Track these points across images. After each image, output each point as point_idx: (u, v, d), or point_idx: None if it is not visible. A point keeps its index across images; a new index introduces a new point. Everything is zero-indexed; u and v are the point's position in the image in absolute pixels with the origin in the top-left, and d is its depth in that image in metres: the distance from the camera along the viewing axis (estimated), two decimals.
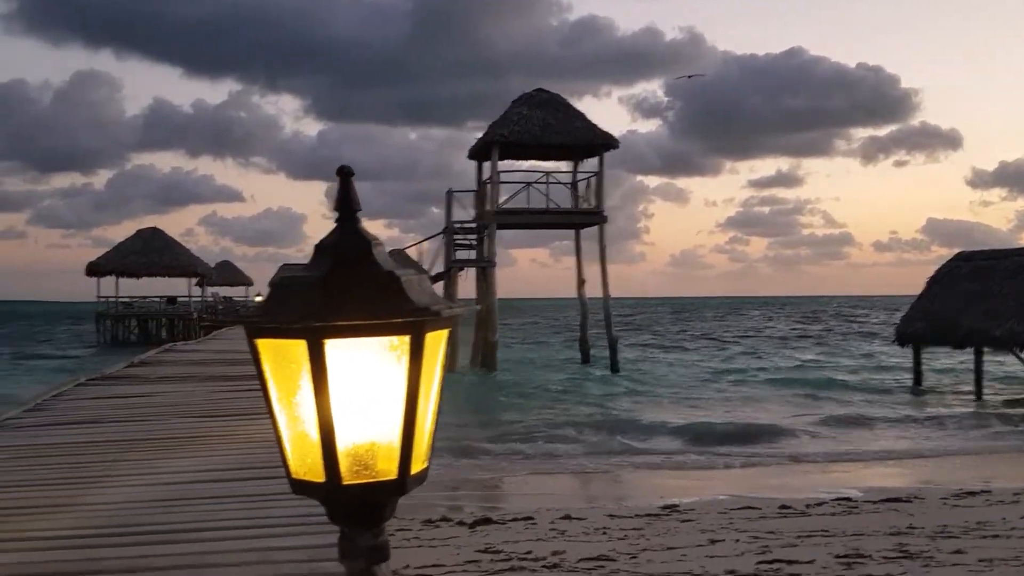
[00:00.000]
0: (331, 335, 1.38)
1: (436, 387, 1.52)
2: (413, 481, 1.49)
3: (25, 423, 8.49)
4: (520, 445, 15.78)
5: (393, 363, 1.43)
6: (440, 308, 1.46)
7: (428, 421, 1.52)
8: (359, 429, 1.44)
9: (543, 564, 7.51)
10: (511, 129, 27.77)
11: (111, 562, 4.10)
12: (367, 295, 1.42)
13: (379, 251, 1.49)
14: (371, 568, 1.52)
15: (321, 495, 1.47)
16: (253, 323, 1.45)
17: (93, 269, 46.87)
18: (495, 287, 27.54)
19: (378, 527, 1.51)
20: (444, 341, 1.53)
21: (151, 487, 5.65)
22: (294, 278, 1.46)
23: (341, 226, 1.50)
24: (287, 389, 1.45)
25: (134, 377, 12.78)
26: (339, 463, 1.43)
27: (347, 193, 1.51)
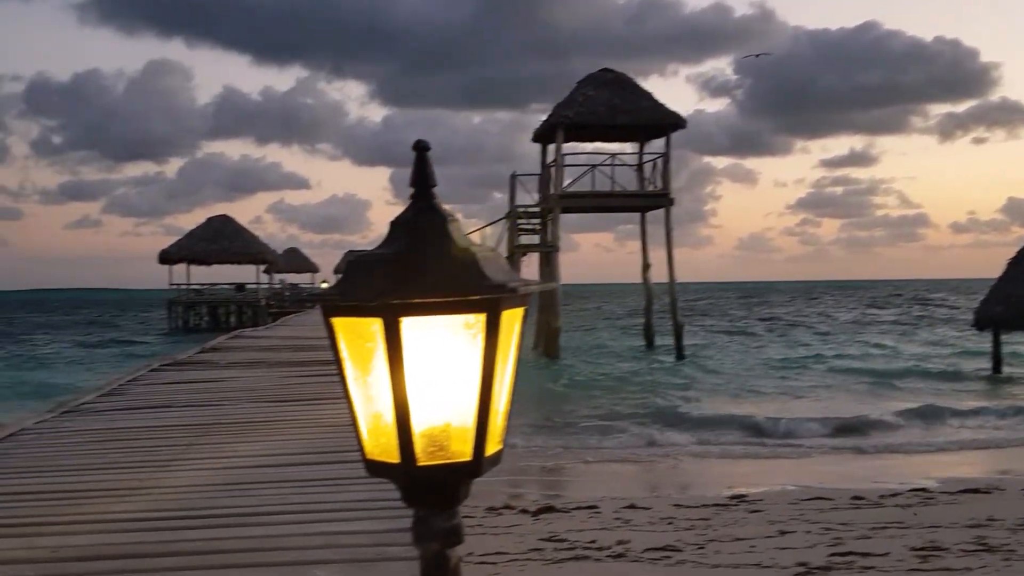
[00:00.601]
0: (407, 313, 1.36)
1: (511, 366, 1.48)
2: (488, 463, 1.46)
3: (101, 407, 8.68)
4: (583, 432, 15.72)
5: (469, 341, 1.40)
6: (516, 285, 1.42)
7: (503, 401, 1.48)
8: (434, 409, 1.41)
9: (608, 553, 7.46)
10: (576, 110, 27.54)
11: (184, 544, 4.16)
12: (443, 272, 1.39)
13: (455, 227, 1.46)
14: (445, 551, 1.49)
15: (396, 476, 1.45)
16: (329, 301, 1.43)
17: (165, 257, 47.79)
18: (558, 272, 27.43)
19: (452, 509, 1.49)
20: (520, 319, 1.49)
21: (223, 471, 5.74)
22: (370, 255, 1.44)
23: (416, 202, 1.47)
24: (362, 368, 1.43)
25: (205, 363, 13.02)
26: (414, 444, 1.40)
27: (423, 168, 1.48)
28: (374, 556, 3.87)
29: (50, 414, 8.27)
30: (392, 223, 1.47)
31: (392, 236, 1.45)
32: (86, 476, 5.69)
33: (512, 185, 28.71)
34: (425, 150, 1.49)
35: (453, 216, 1.47)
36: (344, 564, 3.81)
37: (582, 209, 29.68)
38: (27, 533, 4.36)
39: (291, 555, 3.96)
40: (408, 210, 1.47)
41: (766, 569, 6.92)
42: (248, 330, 24.22)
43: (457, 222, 1.48)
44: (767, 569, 6.92)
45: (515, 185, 28.67)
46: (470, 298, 1.37)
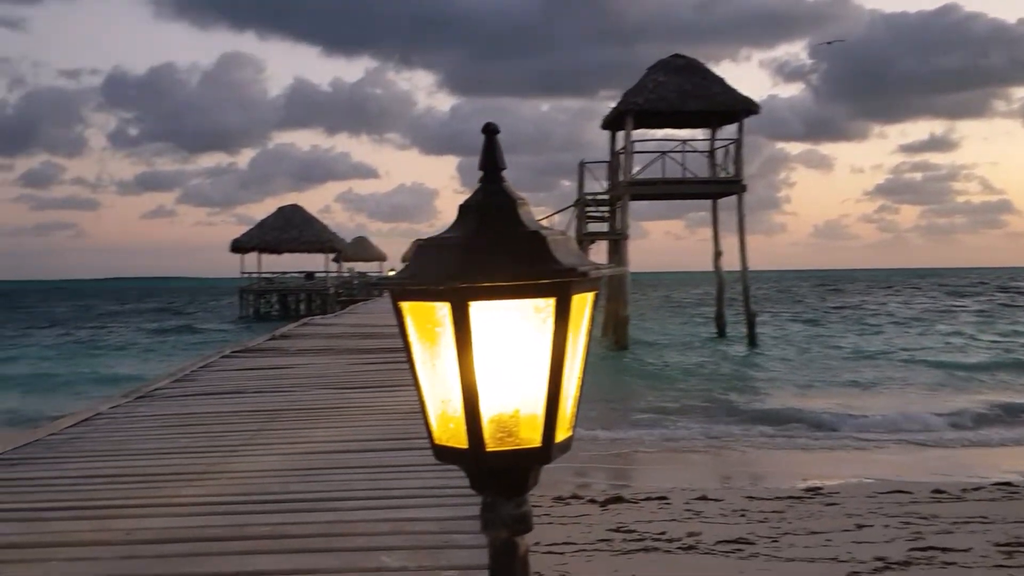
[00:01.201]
0: (475, 297, 1.33)
1: (581, 352, 1.45)
2: (558, 449, 1.43)
3: (174, 393, 8.84)
4: (652, 423, 15.60)
5: (538, 326, 1.36)
6: (587, 269, 1.38)
7: (573, 387, 1.45)
8: (503, 394, 1.38)
9: (678, 545, 7.38)
10: (646, 97, 27.30)
11: (254, 528, 4.20)
12: (512, 256, 1.35)
13: (524, 210, 1.43)
14: (513, 538, 1.46)
15: (464, 462, 1.42)
16: (397, 285, 1.41)
17: (237, 246, 48.67)
18: (627, 260, 27.26)
19: (521, 496, 1.46)
20: (590, 304, 1.45)
21: (292, 456, 5.79)
22: (438, 239, 1.41)
23: (485, 185, 1.44)
24: (431, 353, 1.41)
25: (275, 350, 13.19)
26: (483, 429, 1.38)
27: (492, 151, 1.45)
28: (441, 543, 3.86)
29: (124, 399, 8.45)
30: (461, 206, 1.45)
31: (461, 219, 1.42)
32: (158, 460, 5.79)
33: (581, 173, 28.60)
34: (495, 133, 1.46)
35: (523, 199, 1.45)
36: (411, 551, 3.80)
37: (652, 196, 29.39)
38: (102, 516, 4.44)
39: (359, 541, 3.97)
40: (477, 193, 1.45)
41: (842, 563, 6.78)
42: (317, 318, 24.53)
43: (527, 205, 1.45)
44: (843, 563, 6.78)
45: (584, 173, 28.56)
46: (539, 282, 1.34)
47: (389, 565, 3.66)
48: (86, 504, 4.67)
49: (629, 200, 27.42)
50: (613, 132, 29.05)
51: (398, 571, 3.60)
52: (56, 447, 6.31)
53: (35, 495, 4.91)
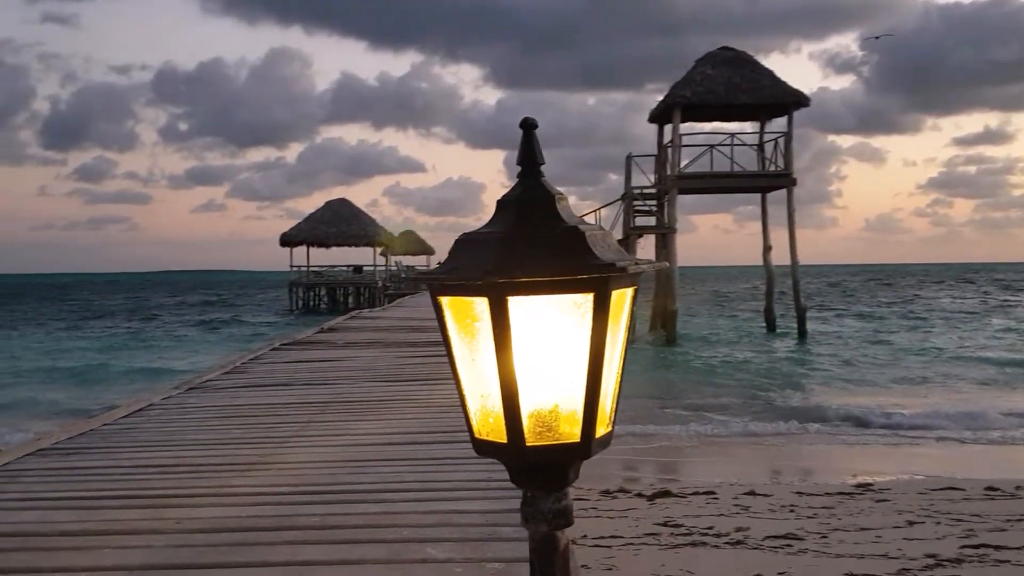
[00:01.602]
0: (513, 291, 1.34)
1: (621, 347, 1.45)
2: (597, 444, 1.43)
3: (224, 385, 8.96)
4: (700, 417, 15.51)
5: (577, 321, 1.37)
6: (626, 264, 1.38)
7: (612, 383, 1.45)
8: (542, 389, 1.39)
9: (726, 540, 7.36)
10: (694, 90, 27.10)
11: (303, 519, 4.25)
12: (550, 250, 1.36)
13: (563, 205, 1.44)
14: (553, 532, 1.47)
15: (504, 456, 1.43)
16: (436, 280, 1.42)
17: (286, 240, 49.18)
18: (675, 254, 27.12)
19: (561, 491, 1.46)
20: (630, 299, 1.46)
21: (339, 448, 5.85)
22: (476, 233, 1.42)
23: (523, 180, 1.45)
24: (470, 347, 1.42)
25: (324, 343, 13.31)
26: (522, 424, 1.39)
27: (530, 146, 1.45)
28: (486, 535, 3.88)
29: (176, 391, 8.59)
30: (499, 201, 1.46)
31: (499, 214, 1.43)
32: (209, 451, 5.88)
33: (628, 166, 28.47)
34: (532, 127, 1.46)
35: (561, 194, 1.45)
36: (457, 543, 3.83)
37: (700, 190, 29.19)
38: (154, 505, 4.52)
39: (405, 532, 4.00)
40: (515, 188, 1.45)
41: (893, 560, 6.71)
42: (365, 311, 24.72)
43: (565, 200, 1.46)
44: (894, 560, 6.70)
45: (631, 166, 28.42)
46: (578, 277, 1.34)
47: (435, 557, 3.69)
48: (138, 493, 4.77)
49: (677, 194, 27.26)
50: (660, 125, 28.89)
51: (444, 563, 3.62)
52: (110, 437, 6.44)
53: (89, 484, 5.01)
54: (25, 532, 4.09)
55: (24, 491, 4.88)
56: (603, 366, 1.39)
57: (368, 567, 3.58)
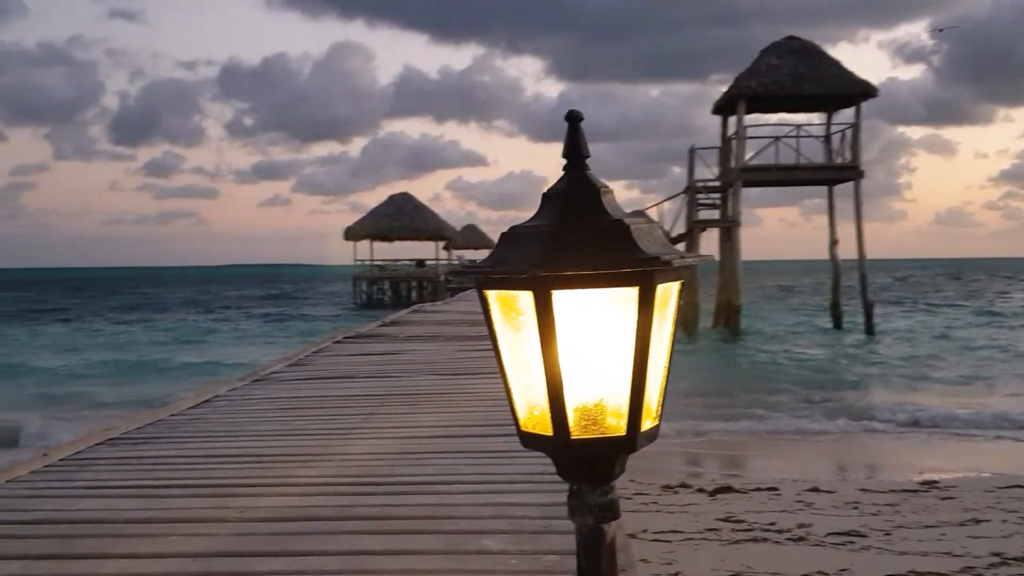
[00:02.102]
0: (558, 285, 1.34)
1: (668, 341, 1.45)
2: (643, 438, 1.44)
3: (288, 377, 9.10)
4: (764, 413, 15.34)
5: (622, 315, 1.37)
6: (671, 258, 1.38)
7: (659, 377, 1.46)
8: (587, 383, 1.40)
9: (788, 536, 7.29)
10: (759, 81, 26.75)
11: (362, 510, 4.32)
12: (595, 244, 1.36)
13: (608, 199, 1.44)
14: (600, 526, 1.48)
15: (549, 449, 1.45)
16: (481, 274, 1.43)
17: (349, 234, 49.61)
18: (740, 248, 26.84)
19: (607, 484, 1.47)
20: (677, 294, 1.46)
21: (399, 440, 5.92)
22: (521, 227, 1.43)
23: (569, 174, 1.45)
24: (515, 341, 1.43)
25: (385, 336, 13.45)
26: (567, 417, 1.40)
27: (575, 139, 1.46)
28: (541, 528, 3.91)
29: (241, 382, 8.74)
30: (544, 195, 1.46)
31: (544, 208, 1.44)
32: (273, 441, 5.99)
33: (691, 159, 28.21)
34: (578, 120, 1.46)
35: (607, 187, 1.45)
36: (512, 535, 3.86)
37: (765, 183, 28.81)
38: (219, 494, 4.63)
39: (462, 524, 4.04)
40: (560, 181, 1.45)
41: (957, 558, 6.59)
42: (427, 304, 24.87)
43: (611, 193, 1.46)
44: (958, 558, 6.59)
45: (694, 159, 28.16)
46: (622, 271, 1.35)
47: (490, 548, 3.72)
48: (203, 482, 4.88)
49: (741, 187, 26.95)
50: (725, 117, 28.57)
51: (499, 554, 3.66)
52: (177, 427, 6.59)
53: (156, 472, 5.14)
54: (93, 519, 4.22)
55: (94, 479, 5.03)
56: (648, 360, 1.39)
57: (425, 557, 3.63)
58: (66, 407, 16.57)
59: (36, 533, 4.01)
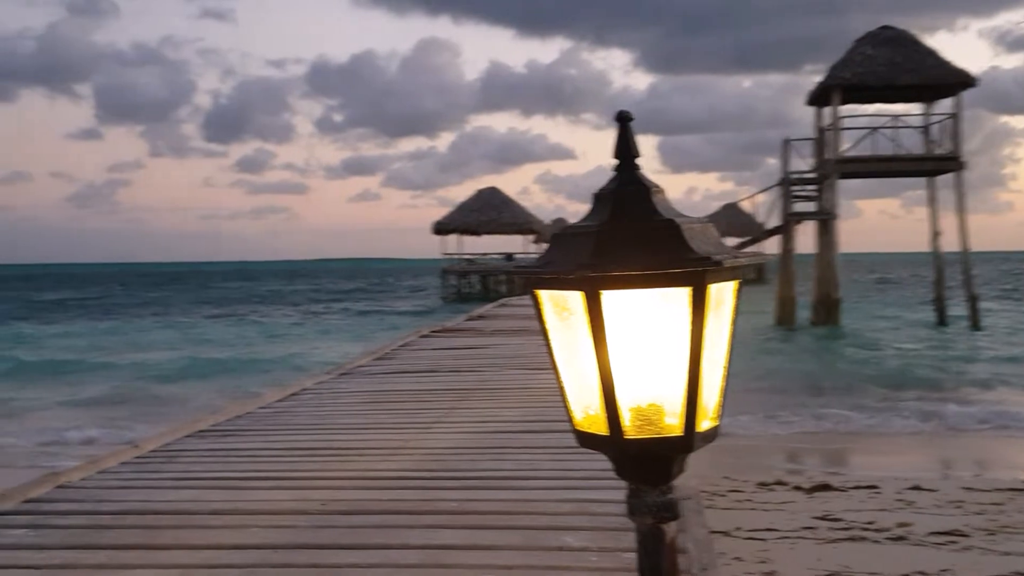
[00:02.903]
0: (607, 285, 1.33)
1: (725, 341, 1.43)
2: (700, 439, 1.42)
3: (373, 371, 9.23)
4: (865, 409, 14.95)
5: (674, 315, 1.35)
6: (723, 258, 1.35)
7: (717, 377, 1.43)
8: (641, 382, 1.39)
9: (887, 536, 7.12)
10: (853, 71, 26.11)
11: (441, 503, 4.35)
12: (645, 244, 1.34)
13: (659, 198, 1.42)
14: (659, 526, 1.47)
15: (604, 449, 1.44)
16: (532, 273, 1.43)
17: (438, 228, 49.99)
18: (837, 240, 26.28)
19: (665, 484, 1.46)
20: (734, 293, 1.43)
21: (481, 435, 5.95)
22: (572, 227, 1.42)
23: (619, 174, 1.44)
24: (567, 340, 1.42)
25: (471, 330, 13.53)
26: (620, 417, 1.39)
27: (626, 139, 1.44)
28: (621, 525, 3.88)
29: (328, 376, 8.91)
30: (595, 195, 1.45)
31: (595, 208, 1.43)
32: (356, 435, 6.08)
33: (785, 151, 27.67)
34: (628, 120, 1.45)
35: (658, 187, 1.43)
36: (592, 531, 3.85)
37: (862, 174, 28.10)
38: (301, 486, 4.72)
39: (542, 520, 4.04)
40: (611, 181, 1.44)
41: None
42: (514, 299, 24.94)
43: (662, 193, 1.44)
44: None
45: (788, 151, 27.62)
46: (672, 271, 1.33)
47: (570, 544, 3.72)
48: (287, 475, 4.98)
49: (837, 179, 26.37)
50: (819, 108, 27.93)
51: (579, 551, 3.65)
52: (263, 420, 6.74)
53: (242, 464, 5.27)
54: (180, 510, 4.35)
55: (181, 471, 5.17)
56: (703, 360, 1.37)
57: (504, 552, 3.64)
58: (157, 403, 16.85)
59: (123, 523, 4.15)
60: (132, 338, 31.44)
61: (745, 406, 13.56)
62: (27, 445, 12.15)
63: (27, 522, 4.18)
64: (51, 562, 3.63)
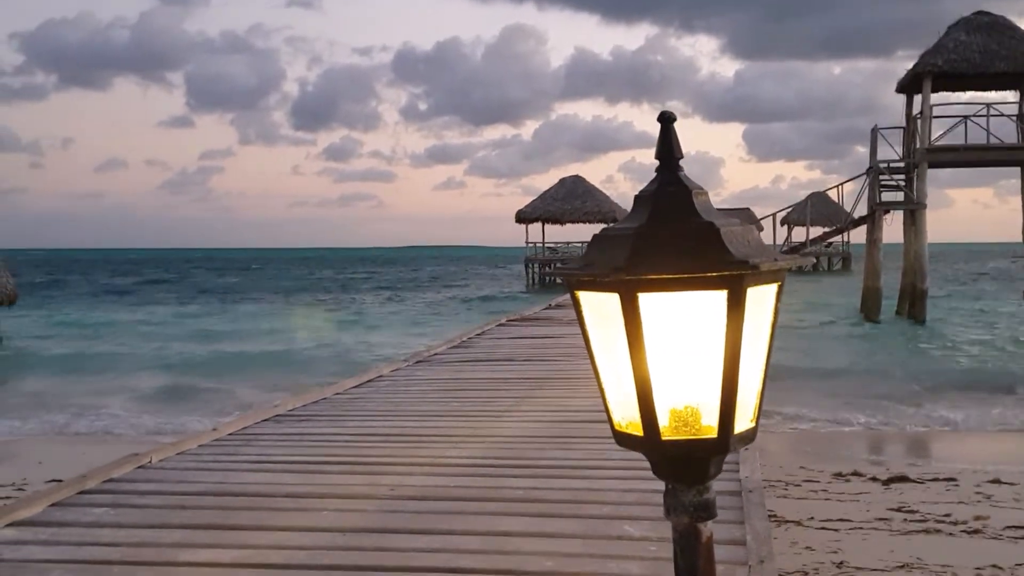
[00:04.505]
0: (644, 288, 1.35)
1: (764, 344, 1.44)
2: (737, 440, 1.43)
3: (450, 359, 9.33)
4: (948, 400, 14.59)
5: (711, 319, 1.37)
6: (760, 262, 1.36)
7: (755, 379, 1.44)
8: (677, 384, 1.40)
9: (963, 528, 6.97)
10: (945, 58, 25.32)
11: (507, 492, 4.41)
12: (683, 247, 1.36)
13: (701, 200, 1.42)
14: (696, 525, 1.49)
15: (641, 449, 1.46)
16: (571, 275, 1.45)
17: (521, 216, 49.99)
18: (925, 230, 25.61)
19: (702, 484, 1.47)
20: (775, 296, 1.44)
21: (551, 424, 5.99)
22: (612, 229, 1.45)
23: (661, 175, 1.45)
24: (605, 342, 1.44)
25: (549, 319, 13.55)
26: (657, 418, 1.41)
27: (668, 140, 1.45)
28: None
29: (404, 363, 9.03)
30: (636, 197, 1.47)
31: (635, 210, 1.44)
32: (427, 422, 6.18)
33: (873, 139, 27.02)
34: (671, 121, 1.46)
35: (700, 189, 1.44)
36: (655, 522, 3.85)
37: (953, 164, 27.31)
38: (372, 472, 4.83)
39: (605, 509, 4.07)
40: (652, 183, 1.45)
41: None
42: None
43: (704, 195, 1.45)
44: None
45: (876, 139, 26.98)
46: (709, 275, 1.34)
47: (631, 534, 3.74)
48: (359, 460, 5.09)
49: (927, 168, 25.67)
50: (909, 95, 27.20)
51: (639, 540, 3.67)
52: (340, 405, 6.89)
53: (316, 449, 5.41)
54: (255, 492, 4.48)
55: (257, 454, 5.33)
56: (740, 363, 1.39)
57: (565, 541, 3.68)
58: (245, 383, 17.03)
59: (199, 504, 4.30)
60: (258, 323, 31.69)
61: (823, 396, 13.37)
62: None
63: (108, 501, 4.36)
64: (129, 540, 3.78)
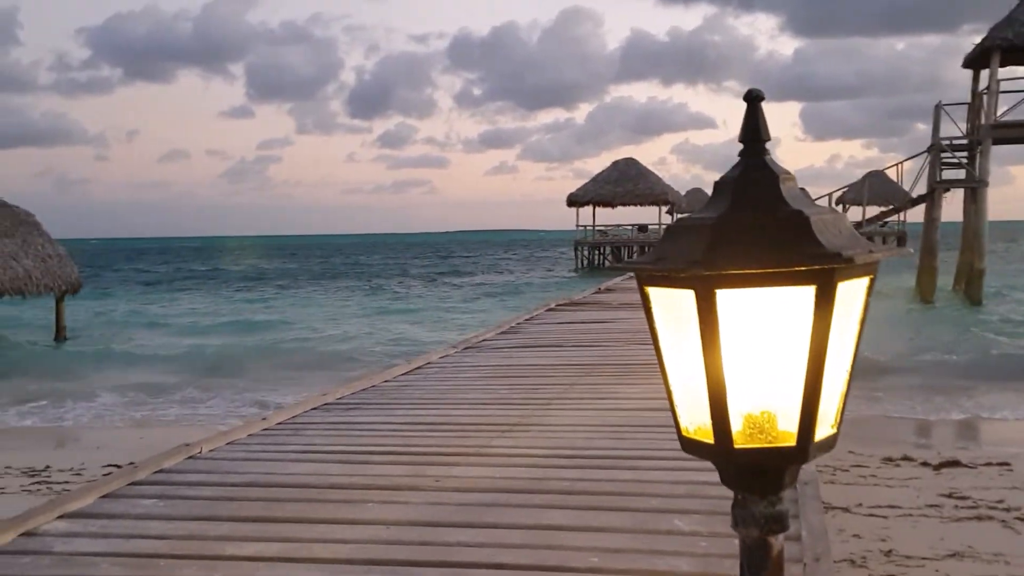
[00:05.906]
0: (723, 284, 1.23)
1: (851, 344, 1.31)
2: (817, 448, 1.31)
3: (499, 345, 9.23)
4: (1002, 383, 14.21)
5: (796, 317, 1.24)
6: (854, 254, 1.21)
7: (839, 382, 1.32)
8: (754, 389, 1.28)
9: (1016, 516, 6.79)
10: (1016, 31, 24.65)
11: (554, 483, 4.29)
12: (767, 239, 1.22)
13: (788, 186, 1.28)
14: (766, 538, 1.37)
15: (711, 457, 1.36)
16: (642, 269, 1.32)
17: (572, 200, 49.83)
18: (985, 209, 25.05)
19: (775, 495, 1.36)
20: (865, 291, 1.30)
21: (599, 412, 5.85)
22: (689, 219, 1.31)
23: (744, 159, 1.32)
24: (677, 341, 1.33)
25: (598, 303, 13.41)
26: (730, 425, 1.29)
27: (754, 120, 1.32)
28: None
29: (453, 350, 8.94)
30: (716, 183, 1.34)
31: (715, 197, 1.31)
32: (474, 410, 6.07)
33: (936, 115, 26.45)
34: (758, 100, 1.32)
35: (787, 174, 1.30)
36: (705, 515, 3.72)
37: (1018, 140, 26.63)
38: (417, 462, 4.72)
39: (654, 502, 3.94)
40: (735, 168, 1.32)
41: None
42: None
43: (792, 180, 1.31)
44: None
45: (939, 115, 26.39)
46: (796, 269, 1.21)
47: (680, 528, 3.61)
48: (404, 450, 4.99)
49: (991, 144, 25.05)
50: (976, 71, 26.54)
51: (688, 535, 3.54)
52: (387, 393, 6.80)
53: (362, 439, 5.31)
54: (300, 483, 4.41)
55: (305, 443, 5.25)
56: (825, 364, 1.26)
57: (612, 535, 3.56)
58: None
59: (246, 495, 4.22)
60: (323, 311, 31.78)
61: (875, 380, 13.11)
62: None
63: (158, 492, 4.31)
64: (177, 533, 3.72)
